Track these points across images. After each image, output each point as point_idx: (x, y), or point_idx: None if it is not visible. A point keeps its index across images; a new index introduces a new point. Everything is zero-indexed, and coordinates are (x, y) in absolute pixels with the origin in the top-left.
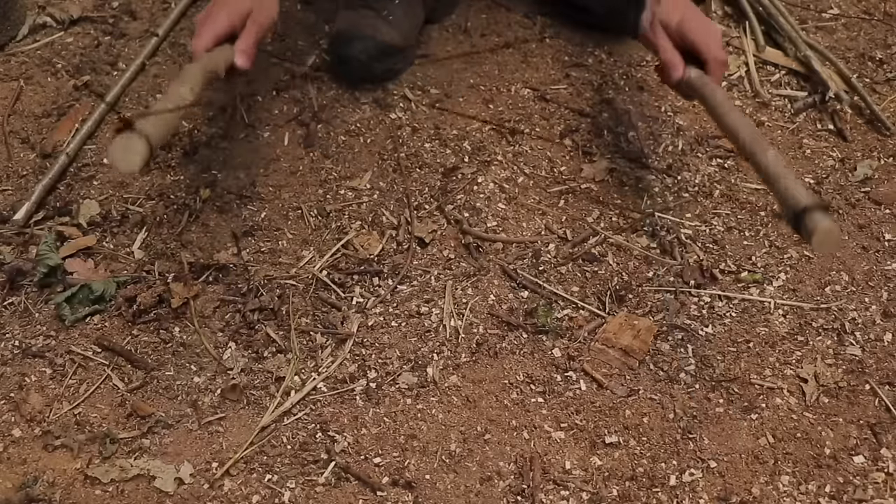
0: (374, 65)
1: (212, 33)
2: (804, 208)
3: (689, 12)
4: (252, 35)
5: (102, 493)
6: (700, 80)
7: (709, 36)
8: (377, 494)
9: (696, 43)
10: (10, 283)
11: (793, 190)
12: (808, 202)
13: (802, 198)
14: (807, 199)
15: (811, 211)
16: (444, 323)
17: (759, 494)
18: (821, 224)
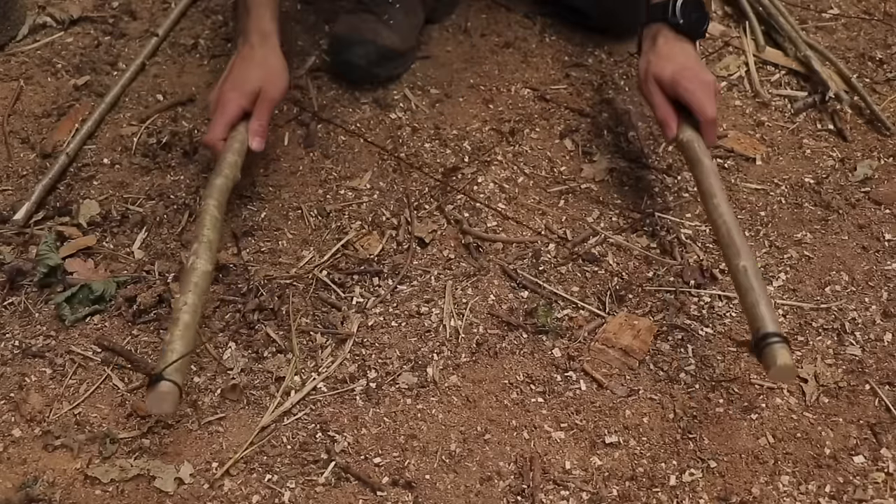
0: (375, 69)
1: (224, 123)
2: (765, 335)
3: (684, 64)
4: (264, 115)
5: (102, 493)
6: (691, 149)
7: (702, 93)
8: (377, 494)
9: (689, 102)
10: (10, 283)
11: (759, 310)
12: (771, 329)
13: (767, 323)
14: (770, 326)
15: (773, 340)
16: (444, 323)
17: (759, 494)
18: (780, 360)
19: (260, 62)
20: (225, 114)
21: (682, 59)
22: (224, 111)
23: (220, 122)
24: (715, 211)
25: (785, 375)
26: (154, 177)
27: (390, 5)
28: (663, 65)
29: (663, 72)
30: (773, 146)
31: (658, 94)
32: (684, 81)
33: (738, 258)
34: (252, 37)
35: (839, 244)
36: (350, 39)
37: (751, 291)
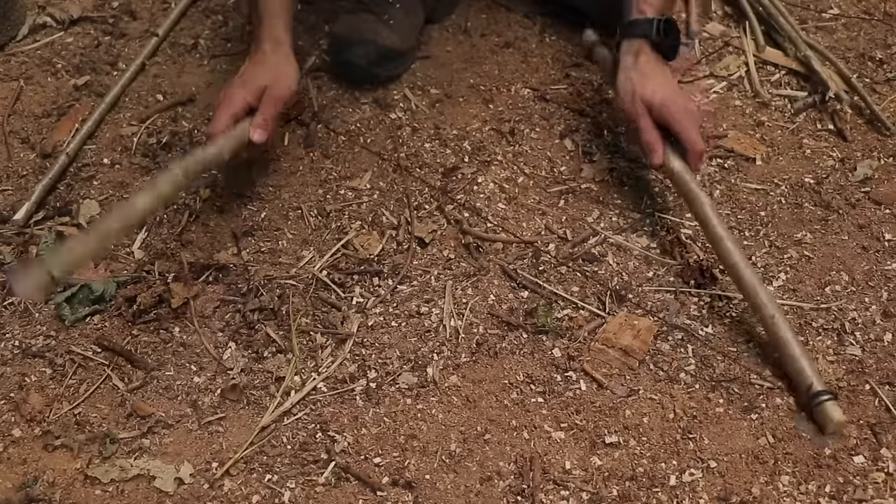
0: (375, 69)
1: (228, 114)
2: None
3: (672, 92)
4: (268, 110)
5: (102, 493)
6: (684, 181)
7: (691, 123)
8: (377, 494)
9: (679, 132)
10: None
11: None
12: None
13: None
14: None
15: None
16: (444, 323)
17: (759, 494)
18: (835, 417)
19: (270, 66)
20: (230, 106)
21: (669, 86)
22: (229, 104)
23: (225, 113)
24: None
25: (839, 428)
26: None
27: (390, 5)
28: (652, 88)
29: (653, 96)
30: (773, 146)
31: (646, 117)
32: (675, 111)
33: (766, 309)
34: (265, 44)
35: (839, 244)
36: (350, 39)
37: (790, 344)
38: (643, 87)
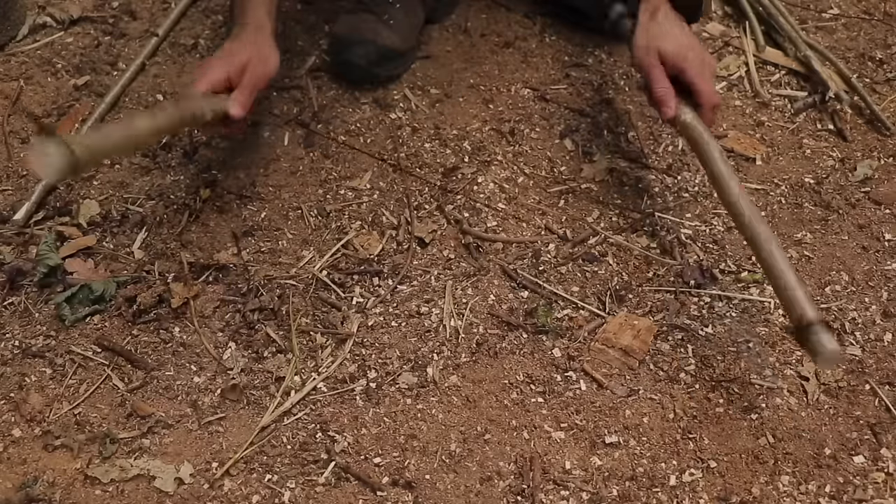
0: (375, 69)
1: (207, 82)
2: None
3: (690, 44)
4: (248, 86)
5: (102, 493)
6: (696, 135)
7: (708, 75)
8: (377, 494)
9: (693, 83)
10: (10, 283)
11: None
12: (813, 317)
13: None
14: (812, 314)
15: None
16: (444, 323)
17: (759, 494)
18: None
19: (252, 44)
20: (207, 76)
21: (685, 37)
22: (207, 73)
23: (202, 81)
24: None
25: (833, 360)
26: (154, 177)
27: (390, 5)
28: (667, 39)
29: (667, 46)
30: (773, 146)
31: (658, 67)
32: (690, 61)
33: (769, 244)
34: (248, 25)
35: (839, 244)
36: (350, 39)
37: (784, 274)
38: (657, 39)
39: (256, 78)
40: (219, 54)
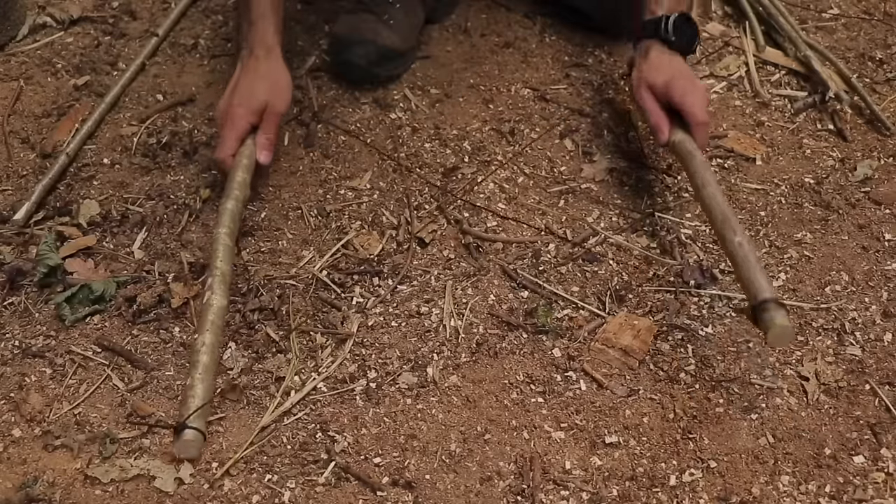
0: (375, 69)
1: (235, 138)
2: (763, 301)
3: (677, 72)
4: (272, 129)
5: (102, 493)
6: (683, 146)
7: (694, 98)
8: (377, 494)
9: (681, 107)
10: (10, 283)
11: (755, 281)
12: (768, 295)
13: (763, 290)
14: (767, 293)
15: (769, 305)
16: (444, 323)
17: (759, 494)
18: (777, 320)
19: (265, 75)
20: (234, 129)
21: (674, 69)
22: (233, 126)
23: (230, 137)
24: (709, 197)
25: (783, 338)
26: (154, 177)
27: (390, 5)
28: (656, 73)
29: (656, 79)
30: (773, 146)
31: (651, 99)
32: (677, 87)
33: (738, 234)
34: (257, 49)
35: (839, 244)
36: (350, 39)
37: (747, 262)
38: (648, 74)
39: (276, 116)
40: (237, 98)
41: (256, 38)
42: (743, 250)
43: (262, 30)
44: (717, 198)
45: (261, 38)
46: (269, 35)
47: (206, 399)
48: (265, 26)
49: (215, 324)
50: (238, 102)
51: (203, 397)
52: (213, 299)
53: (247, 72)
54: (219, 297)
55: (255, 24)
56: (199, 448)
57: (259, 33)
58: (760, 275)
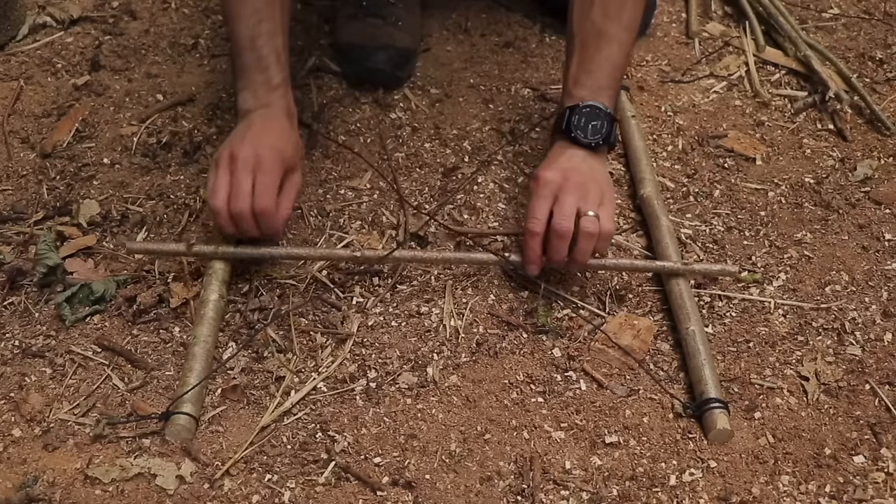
0: (398, 72)
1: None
2: (707, 400)
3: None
4: (293, 200)
5: (102, 492)
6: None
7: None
8: (377, 494)
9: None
10: (10, 283)
11: (704, 375)
12: (713, 395)
13: (710, 389)
14: (713, 392)
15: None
16: (444, 323)
17: (759, 494)
18: (719, 424)
19: (287, 133)
20: (274, 179)
21: (557, 163)
22: (273, 172)
23: (270, 188)
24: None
25: (723, 438)
26: (154, 177)
27: (393, 6)
28: (543, 167)
29: (538, 171)
30: (773, 146)
31: (534, 194)
32: (532, 183)
33: (687, 322)
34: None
35: (839, 244)
36: (369, 46)
37: (696, 355)
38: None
39: (298, 186)
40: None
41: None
42: (695, 342)
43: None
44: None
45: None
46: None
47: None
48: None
49: (207, 315)
50: (270, 146)
51: (191, 384)
52: (206, 294)
53: (272, 124)
54: (210, 292)
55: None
56: (189, 431)
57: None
58: (709, 371)
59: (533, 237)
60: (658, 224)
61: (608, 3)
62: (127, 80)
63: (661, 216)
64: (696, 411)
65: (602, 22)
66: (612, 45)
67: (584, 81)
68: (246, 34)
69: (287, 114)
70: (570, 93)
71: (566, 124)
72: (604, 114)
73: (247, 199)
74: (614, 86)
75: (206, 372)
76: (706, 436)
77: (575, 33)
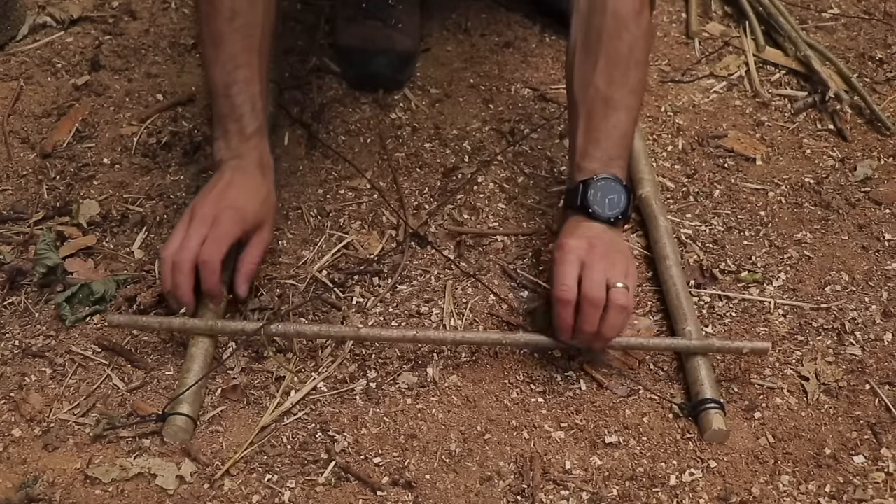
0: (398, 76)
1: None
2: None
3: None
4: (258, 258)
5: (102, 492)
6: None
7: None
8: (377, 494)
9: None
10: (10, 283)
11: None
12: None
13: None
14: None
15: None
16: (444, 323)
17: (759, 494)
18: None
19: (256, 188)
20: (227, 234)
21: (577, 232)
22: (227, 228)
23: (221, 241)
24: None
25: (718, 439)
26: (154, 177)
27: (392, 7)
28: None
29: (561, 239)
30: (773, 146)
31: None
32: (556, 253)
33: (684, 322)
34: (247, 155)
35: (839, 244)
36: (370, 50)
37: (693, 356)
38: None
39: (265, 243)
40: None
41: (245, 129)
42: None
43: (248, 116)
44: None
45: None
46: (255, 120)
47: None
48: (250, 110)
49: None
50: (228, 205)
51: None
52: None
53: (238, 180)
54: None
55: (238, 109)
56: (187, 432)
57: (248, 120)
58: (706, 372)
59: (566, 306)
60: (656, 224)
61: (612, 68)
62: (127, 80)
63: (660, 216)
64: (692, 412)
65: (607, 88)
66: (620, 112)
67: (593, 153)
68: (221, 81)
69: (259, 165)
70: (580, 166)
71: (581, 200)
72: (620, 186)
73: (191, 251)
74: (624, 155)
75: (204, 372)
76: (702, 436)
77: (578, 101)
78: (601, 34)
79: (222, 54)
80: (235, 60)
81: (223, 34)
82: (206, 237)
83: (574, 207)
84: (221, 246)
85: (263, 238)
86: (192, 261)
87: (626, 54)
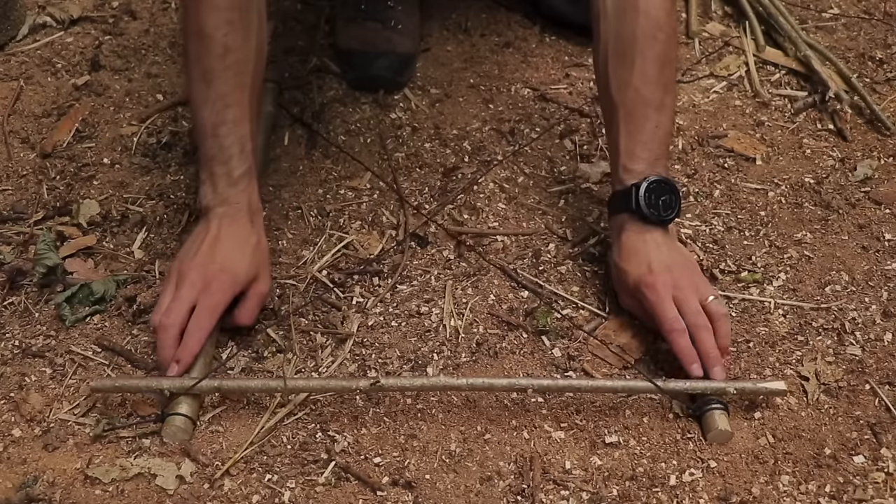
0: (398, 78)
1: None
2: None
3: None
4: (255, 312)
5: (102, 492)
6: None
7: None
8: (377, 494)
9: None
10: (10, 283)
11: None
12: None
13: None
14: None
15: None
16: (444, 323)
17: (759, 494)
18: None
19: (246, 238)
20: (220, 303)
21: (644, 256)
22: (215, 299)
23: (214, 312)
24: None
25: (722, 439)
26: (154, 177)
27: (391, 9)
28: (625, 268)
29: (627, 278)
30: (773, 146)
31: (635, 307)
32: (646, 291)
33: None
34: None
35: (839, 244)
36: (370, 53)
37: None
38: (619, 271)
39: (261, 296)
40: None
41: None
42: None
43: (240, 169)
44: None
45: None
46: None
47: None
48: (240, 163)
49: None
50: (220, 268)
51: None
52: None
53: (228, 234)
54: None
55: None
56: (186, 432)
57: (239, 174)
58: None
59: (681, 336)
60: None
61: (650, 69)
62: (127, 80)
63: None
64: (696, 412)
65: (646, 89)
66: (660, 111)
67: (639, 154)
68: (209, 121)
69: (248, 212)
70: (627, 167)
71: (636, 203)
72: (670, 186)
73: (179, 316)
74: (667, 154)
75: (203, 373)
76: (705, 436)
77: (617, 103)
78: (636, 35)
79: (212, 93)
80: (225, 99)
81: (214, 71)
82: (195, 302)
83: (629, 211)
84: (213, 317)
85: (259, 291)
86: (179, 326)
87: (661, 54)
